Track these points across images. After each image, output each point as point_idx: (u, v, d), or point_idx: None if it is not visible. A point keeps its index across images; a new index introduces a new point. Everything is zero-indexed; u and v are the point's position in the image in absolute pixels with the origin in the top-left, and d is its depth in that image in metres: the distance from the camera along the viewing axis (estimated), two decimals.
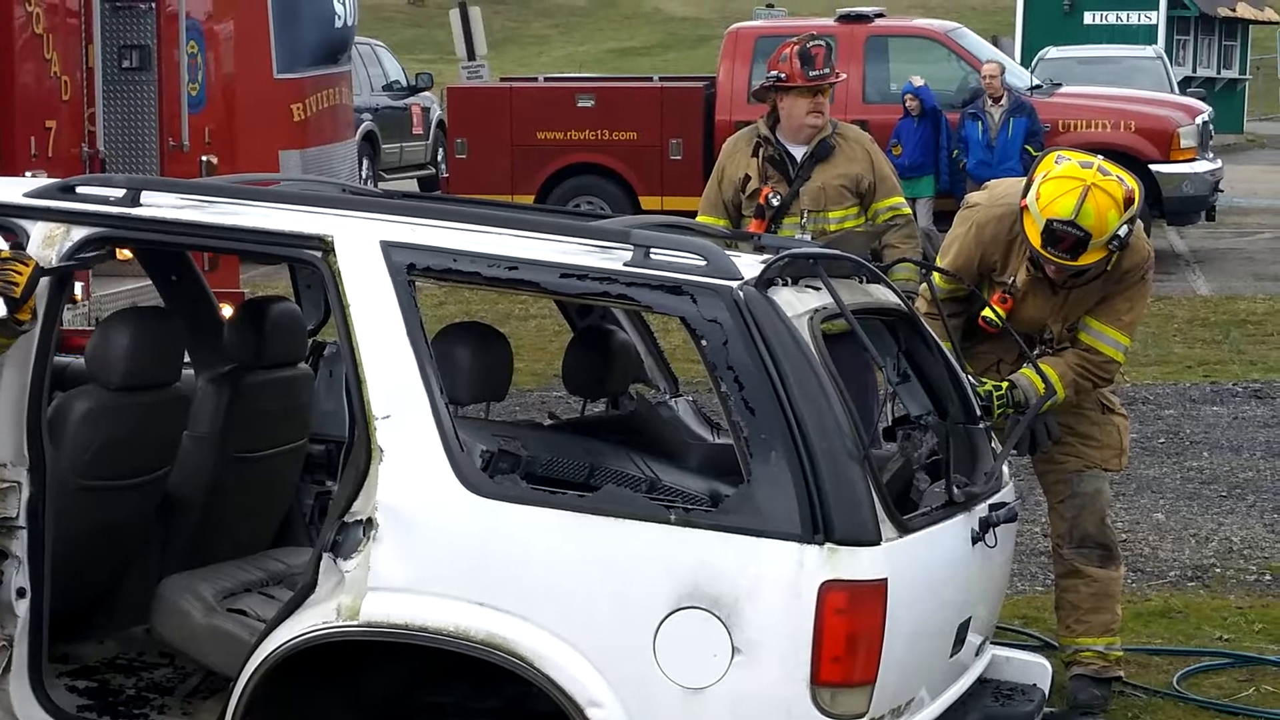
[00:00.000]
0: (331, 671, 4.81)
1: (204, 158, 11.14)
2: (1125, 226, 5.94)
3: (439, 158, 25.59)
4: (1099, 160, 6.05)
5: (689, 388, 6.67)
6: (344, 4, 19.29)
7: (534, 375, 12.10)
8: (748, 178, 7.33)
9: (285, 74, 18.33)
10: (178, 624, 5.06)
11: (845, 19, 18.59)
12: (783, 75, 7.31)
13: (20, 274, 4.80)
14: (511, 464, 4.90)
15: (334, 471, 6.08)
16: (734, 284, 4.60)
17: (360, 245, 4.82)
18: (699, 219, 7.19)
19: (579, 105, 18.60)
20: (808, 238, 6.94)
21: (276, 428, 5.74)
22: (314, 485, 6.08)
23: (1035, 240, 5.97)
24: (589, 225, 5.10)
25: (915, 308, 5.62)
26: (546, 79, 20.76)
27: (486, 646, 4.46)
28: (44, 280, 4.95)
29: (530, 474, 4.90)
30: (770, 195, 7.23)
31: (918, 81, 17.38)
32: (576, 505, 4.54)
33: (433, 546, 4.57)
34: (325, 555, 4.65)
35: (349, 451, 6.06)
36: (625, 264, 4.68)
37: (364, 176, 20.59)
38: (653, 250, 4.70)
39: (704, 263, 4.66)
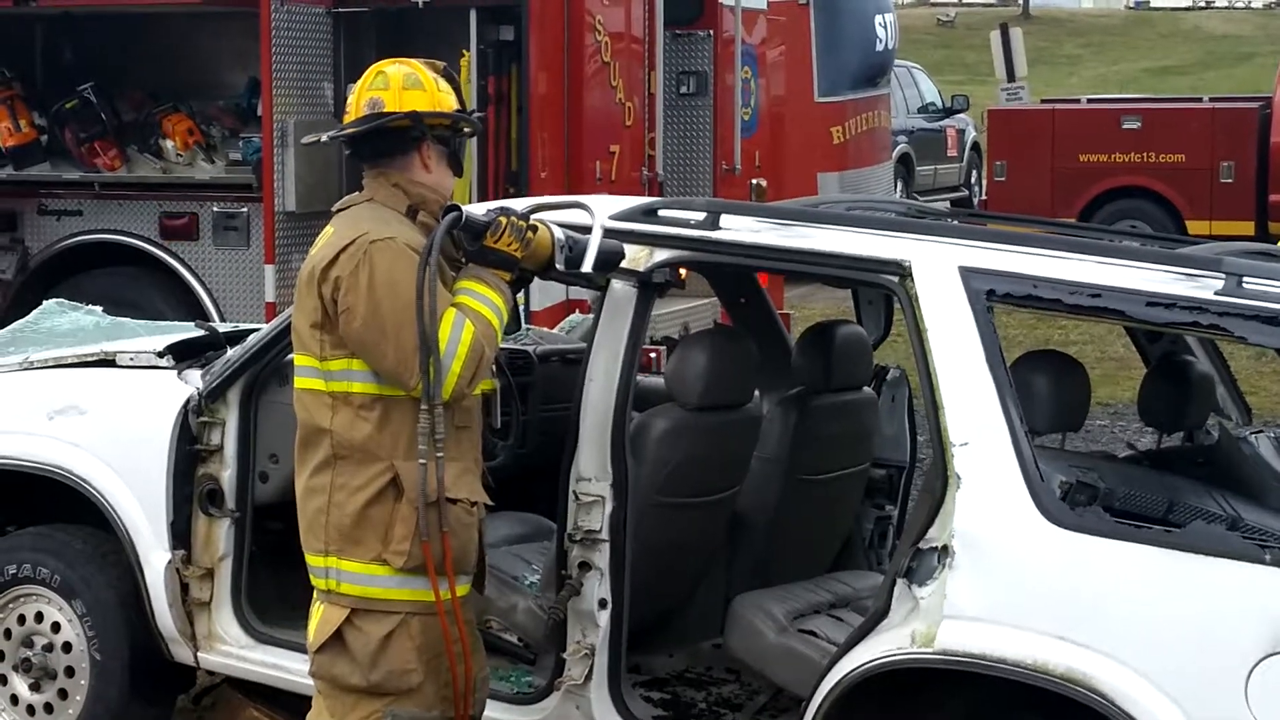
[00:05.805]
0: (891, 699, 4.78)
1: (754, 181, 11.28)
2: None
3: (973, 180, 25.43)
4: None
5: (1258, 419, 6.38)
6: (885, 27, 19.41)
7: None
8: None
9: (826, 97, 18.59)
10: (751, 642, 5.12)
11: None
12: None
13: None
14: (1090, 496, 4.78)
15: (894, 496, 6.07)
16: None
17: (938, 271, 4.78)
18: None
19: (1124, 127, 18.20)
20: None
21: (841, 451, 5.77)
22: (874, 509, 6.08)
23: None
24: (1174, 252, 4.95)
25: None
26: (1089, 100, 20.36)
27: (1066, 681, 4.34)
28: (630, 297, 5.10)
29: (1108, 506, 4.77)
30: None
31: None
32: (1165, 541, 4.39)
33: (1011, 577, 4.49)
34: (899, 581, 4.62)
35: (909, 477, 6.09)
36: (1216, 293, 4.52)
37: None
38: (1246, 279, 4.53)
39: None
